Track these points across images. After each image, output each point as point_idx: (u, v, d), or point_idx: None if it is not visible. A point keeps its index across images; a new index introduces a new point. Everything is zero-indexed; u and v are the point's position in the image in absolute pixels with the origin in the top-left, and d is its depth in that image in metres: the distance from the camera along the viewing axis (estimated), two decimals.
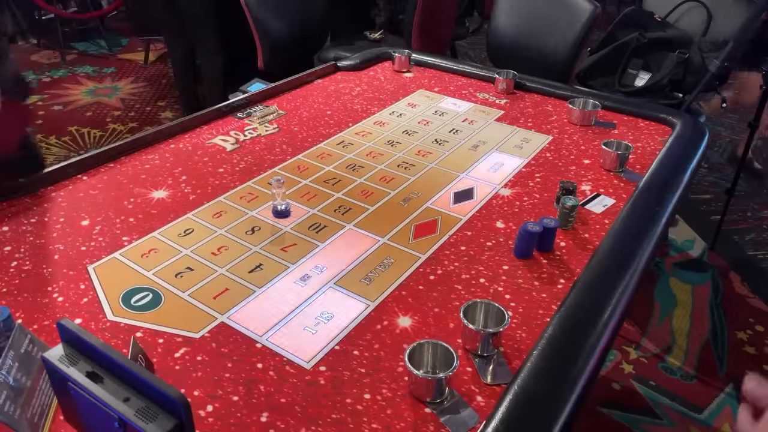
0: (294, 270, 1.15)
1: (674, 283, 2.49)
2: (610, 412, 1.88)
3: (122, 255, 1.18)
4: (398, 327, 1.02)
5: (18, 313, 1.02)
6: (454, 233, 1.27)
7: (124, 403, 0.67)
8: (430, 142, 1.67)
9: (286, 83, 1.96)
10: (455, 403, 0.88)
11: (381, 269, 1.16)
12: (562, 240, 1.25)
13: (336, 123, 1.76)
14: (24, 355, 0.82)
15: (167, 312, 1.04)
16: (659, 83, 2.44)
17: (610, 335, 0.99)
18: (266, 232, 1.26)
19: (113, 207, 1.32)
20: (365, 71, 2.15)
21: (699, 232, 2.81)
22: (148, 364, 0.91)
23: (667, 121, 1.76)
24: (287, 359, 0.95)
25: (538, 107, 1.90)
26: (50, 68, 4.44)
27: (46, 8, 4.53)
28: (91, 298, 1.06)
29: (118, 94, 4.05)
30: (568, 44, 2.37)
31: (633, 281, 1.10)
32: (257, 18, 2.43)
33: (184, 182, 1.43)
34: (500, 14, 2.59)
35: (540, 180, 1.48)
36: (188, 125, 1.67)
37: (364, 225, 1.29)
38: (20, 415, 0.77)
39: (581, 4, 2.36)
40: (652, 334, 2.22)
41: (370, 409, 0.87)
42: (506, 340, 1.00)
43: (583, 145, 1.65)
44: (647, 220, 1.27)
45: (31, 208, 1.29)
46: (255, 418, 0.85)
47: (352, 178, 1.48)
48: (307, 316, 1.04)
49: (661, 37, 2.48)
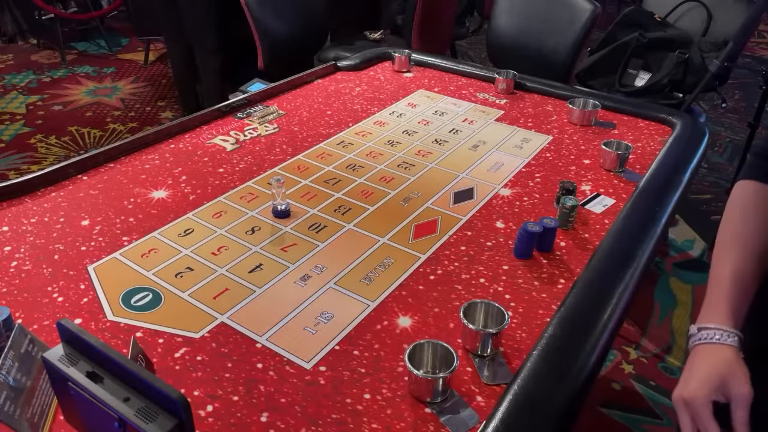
0: (294, 270, 1.15)
1: (674, 283, 2.49)
2: (610, 412, 1.88)
3: (122, 255, 1.18)
4: (398, 327, 1.02)
5: (18, 313, 1.02)
6: (454, 233, 1.27)
7: (124, 403, 0.67)
8: (430, 142, 1.67)
9: (286, 83, 1.96)
10: (455, 403, 0.88)
11: (381, 269, 1.16)
12: (562, 240, 1.25)
13: (336, 123, 1.76)
14: (24, 355, 0.82)
15: (167, 312, 1.04)
16: (659, 83, 2.44)
17: (610, 335, 0.99)
18: (266, 232, 1.26)
19: (113, 207, 1.32)
20: (365, 71, 2.15)
21: (699, 232, 2.81)
22: (148, 364, 0.91)
23: (667, 121, 1.76)
24: (287, 359, 0.95)
25: (538, 107, 1.90)
26: (50, 68, 4.45)
27: (46, 8, 4.53)
28: (91, 298, 1.06)
29: (118, 94, 4.05)
30: (568, 44, 2.37)
31: (633, 281, 1.10)
32: (257, 18, 2.43)
33: (184, 182, 1.43)
34: (500, 14, 2.59)
35: (540, 180, 1.48)
36: (188, 125, 1.68)
37: (364, 225, 1.29)
38: (20, 415, 0.77)
39: (581, 4, 2.36)
40: (652, 334, 2.21)
41: (370, 409, 0.87)
42: (506, 340, 1.00)
43: (583, 145, 1.65)
44: (647, 220, 1.27)
45: (31, 208, 1.29)
46: (255, 418, 0.85)
47: (352, 178, 1.48)
48: (307, 316, 1.04)
49: (661, 37, 2.48)
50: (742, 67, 3.63)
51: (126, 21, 5.38)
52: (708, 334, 0.80)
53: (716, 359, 0.78)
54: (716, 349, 0.79)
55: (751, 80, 4.30)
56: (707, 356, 0.80)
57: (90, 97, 4.01)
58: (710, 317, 0.82)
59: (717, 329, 0.80)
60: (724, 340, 0.79)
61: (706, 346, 0.80)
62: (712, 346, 0.79)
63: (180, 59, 3.37)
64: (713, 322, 0.80)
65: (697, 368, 0.80)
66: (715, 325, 0.80)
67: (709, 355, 0.79)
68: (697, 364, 0.81)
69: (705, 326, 0.81)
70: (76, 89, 4.12)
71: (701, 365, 0.80)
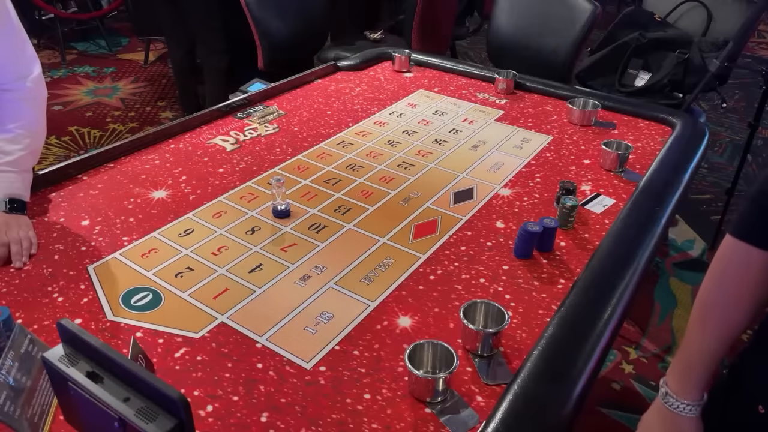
0: (294, 270, 1.15)
1: (674, 283, 2.48)
2: (610, 412, 1.88)
3: (122, 255, 1.18)
4: (398, 327, 1.02)
5: (18, 313, 1.02)
6: (454, 233, 1.27)
7: (124, 403, 0.67)
8: (430, 142, 1.67)
9: (286, 83, 1.96)
10: (455, 403, 0.88)
11: (381, 269, 1.16)
12: (562, 240, 1.25)
13: (336, 123, 1.76)
14: (24, 355, 0.82)
15: (167, 312, 1.04)
16: (659, 83, 2.43)
17: (610, 335, 0.99)
18: (266, 232, 1.26)
19: (113, 207, 1.32)
20: (365, 71, 2.15)
21: (699, 232, 2.80)
22: (148, 364, 0.91)
23: (667, 121, 1.76)
24: (287, 359, 0.95)
25: (538, 107, 1.90)
26: (50, 68, 4.44)
27: (46, 8, 4.52)
28: (91, 298, 1.06)
29: (118, 94, 4.04)
30: (568, 44, 2.37)
31: (633, 281, 1.10)
32: (257, 18, 2.43)
33: (184, 182, 1.43)
34: (500, 14, 2.58)
35: (540, 180, 1.48)
36: (188, 125, 1.67)
37: (364, 225, 1.29)
38: (20, 415, 0.77)
39: (581, 4, 2.36)
40: (652, 334, 2.21)
41: (370, 409, 0.87)
42: (506, 340, 1.00)
43: (583, 145, 1.65)
44: (647, 220, 1.27)
45: (31, 208, 1.29)
46: (255, 418, 0.85)
47: (352, 178, 1.48)
48: (307, 316, 1.04)
49: (661, 37, 2.48)
50: (742, 67, 3.62)
51: (126, 21, 5.37)
52: (673, 403, 0.88)
53: (672, 428, 0.88)
54: (675, 419, 0.87)
55: (751, 80, 4.30)
56: (665, 423, 0.89)
57: (90, 97, 4.00)
58: (678, 387, 0.87)
59: (681, 403, 0.87)
60: (686, 412, 0.86)
61: (668, 413, 0.88)
62: (673, 414, 0.88)
63: (180, 59, 3.37)
64: (680, 395, 0.87)
65: (652, 430, 0.91)
66: (681, 399, 0.87)
67: (667, 422, 0.89)
68: (653, 426, 0.91)
69: (671, 395, 0.88)
70: (76, 89, 4.11)
71: (656, 429, 0.90)
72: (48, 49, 4.78)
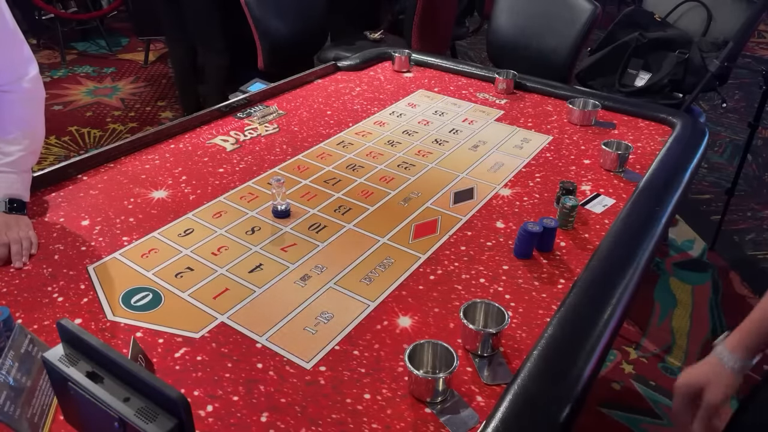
0: (294, 270, 1.15)
1: (674, 283, 2.48)
2: (610, 412, 1.88)
3: (122, 255, 1.18)
4: (398, 327, 1.02)
5: (18, 313, 1.02)
6: (454, 233, 1.27)
7: (124, 403, 0.67)
8: (430, 142, 1.67)
9: (286, 83, 1.96)
10: (455, 403, 0.88)
11: (381, 269, 1.16)
12: (562, 240, 1.25)
13: (336, 123, 1.76)
14: (24, 355, 0.82)
15: (167, 312, 1.04)
16: (659, 83, 2.43)
17: (610, 335, 0.99)
18: (266, 232, 1.26)
19: (113, 207, 1.32)
20: (365, 71, 2.15)
21: (699, 232, 2.80)
22: (148, 364, 0.91)
23: (667, 121, 1.76)
24: (287, 359, 0.95)
25: (538, 107, 1.90)
26: (50, 68, 4.44)
27: (46, 8, 4.52)
28: (91, 298, 1.06)
29: (118, 94, 4.04)
30: (568, 44, 2.37)
31: (633, 281, 1.10)
32: (257, 18, 2.43)
33: (184, 182, 1.43)
34: (500, 14, 2.58)
35: (540, 180, 1.48)
36: (188, 125, 1.67)
37: (364, 225, 1.29)
38: (20, 415, 0.77)
39: (581, 4, 2.36)
40: (652, 334, 2.21)
41: (370, 409, 0.87)
42: (506, 340, 1.00)
43: (583, 145, 1.65)
44: (647, 220, 1.27)
45: (31, 208, 1.29)
46: (255, 418, 0.85)
47: (352, 178, 1.48)
48: (307, 316, 1.04)
49: (661, 37, 2.48)
50: (742, 67, 3.63)
51: (126, 21, 5.37)
52: (720, 351, 0.92)
53: (712, 368, 0.92)
54: (717, 364, 0.92)
55: (751, 80, 4.30)
56: (709, 364, 0.93)
57: (90, 97, 4.00)
58: (731, 340, 0.93)
59: (728, 353, 0.91)
60: (726, 362, 0.91)
61: (713, 359, 0.93)
62: (717, 360, 0.92)
63: (180, 59, 3.37)
64: (728, 346, 0.92)
65: (695, 366, 0.95)
66: (728, 349, 0.92)
67: (710, 364, 0.93)
68: (699, 364, 0.94)
69: (722, 345, 0.93)
70: (76, 89, 4.11)
71: (700, 366, 0.94)
72: (48, 49, 4.78)
